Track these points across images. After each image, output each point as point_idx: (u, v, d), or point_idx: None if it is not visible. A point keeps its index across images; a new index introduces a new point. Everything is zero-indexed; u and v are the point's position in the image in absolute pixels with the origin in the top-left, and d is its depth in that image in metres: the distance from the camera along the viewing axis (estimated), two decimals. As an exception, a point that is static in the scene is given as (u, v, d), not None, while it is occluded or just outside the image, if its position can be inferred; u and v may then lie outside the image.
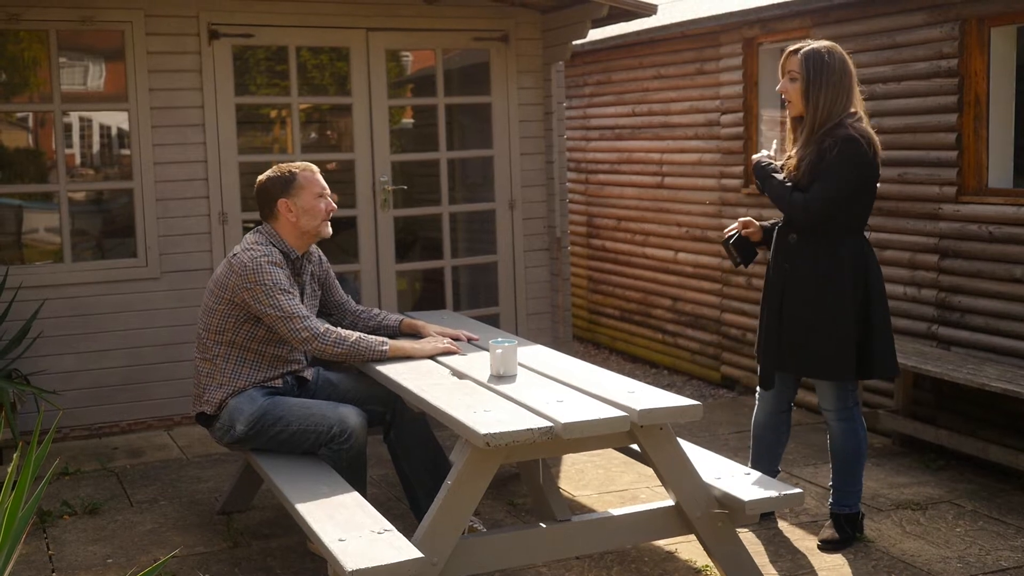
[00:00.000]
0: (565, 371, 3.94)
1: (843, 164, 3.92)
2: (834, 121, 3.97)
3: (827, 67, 3.98)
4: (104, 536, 4.43)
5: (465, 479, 3.34)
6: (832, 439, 4.22)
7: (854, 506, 4.22)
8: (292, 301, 4.03)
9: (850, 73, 4.03)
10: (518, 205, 6.73)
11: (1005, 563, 4.02)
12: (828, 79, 3.97)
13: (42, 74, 5.95)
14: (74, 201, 6.27)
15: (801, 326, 4.08)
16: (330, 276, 4.49)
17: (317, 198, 4.20)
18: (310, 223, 4.19)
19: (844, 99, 3.99)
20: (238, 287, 4.03)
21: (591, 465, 5.26)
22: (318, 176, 4.26)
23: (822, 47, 4.04)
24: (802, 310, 4.08)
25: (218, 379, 4.13)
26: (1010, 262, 5.02)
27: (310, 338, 4.01)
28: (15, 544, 2.39)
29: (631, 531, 3.72)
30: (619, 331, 8.17)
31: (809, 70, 4.00)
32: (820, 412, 4.35)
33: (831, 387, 4.14)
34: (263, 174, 4.28)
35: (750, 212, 6.60)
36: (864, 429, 4.20)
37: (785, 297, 4.12)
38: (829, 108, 3.97)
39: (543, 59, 6.69)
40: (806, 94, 4.00)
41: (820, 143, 3.96)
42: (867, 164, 3.95)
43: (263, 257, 4.05)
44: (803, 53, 4.04)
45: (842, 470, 4.21)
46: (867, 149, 3.94)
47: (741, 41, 6.56)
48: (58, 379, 5.68)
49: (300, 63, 6.67)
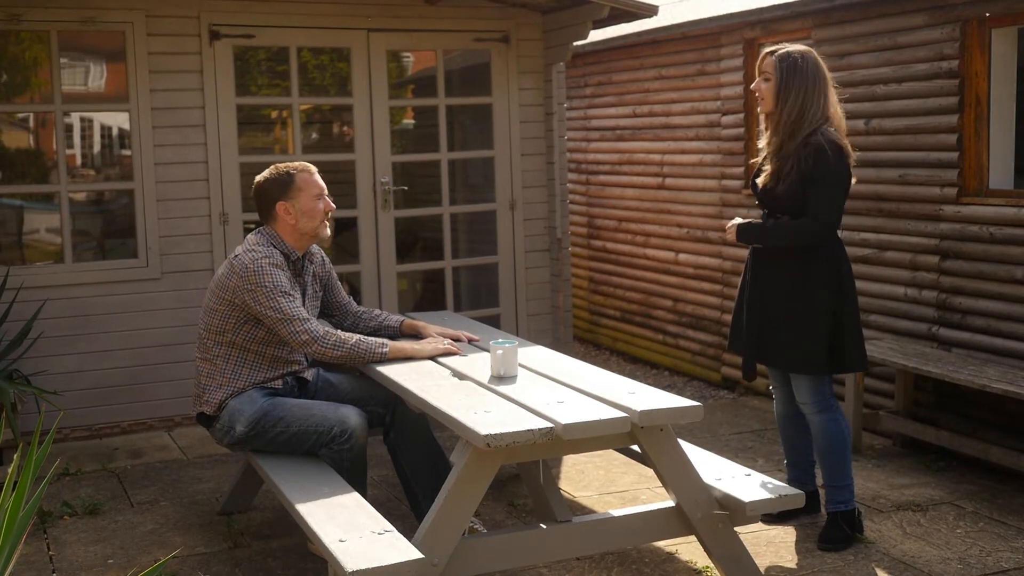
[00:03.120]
0: (566, 372, 3.94)
1: (831, 173, 4.03)
2: (810, 128, 4.06)
3: (799, 71, 4.09)
4: (105, 537, 4.43)
5: (466, 480, 3.34)
6: (814, 433, 4.26)
7: (849, 502, 4.23)
8: (293, 303, 4.03)
9: (824, 78, 4.12)
10: (519, 206, 6.73)
11: (1006, 564, 4.01)
12: (800, 83, 4.08)
13: (43, 74, 5.95)
14: (75, 202, 6.27)
15: (779, 322, 4.17)
16: (332, 277, 4.49)
17: (315, 199, 4.19)
18: (309, 224, 4.19)
19: (816, 104, 4.09)
20: (239, 288, 4.03)
21: (592, 466, 5.26)
22: (316, 177, 4.25)
23: (796, 51, 4.14)
24: (779, 306, 4.17)
25: (218, 380, 4.13)
26: (1011, 263, 5.02)
27: (310, 341, 4.01)
28: (15, 544, 2.39)
29: (632, 532, 3.72)
30: (620, 332, 8.17)
31: (782, 72, 4.11)
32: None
33: (807, 380, 4.20)
34: (260, 175, 4.27)
35: (751, 213, 6.61)
36: (845, 420, 4.26)
37: (764, 294, 4.21)
38: (800, 111, 4.07)
39: (544, 60, 6.69)
40: (777, 95, 4.12)
41: (797, 154, 4.05)
42: (846, 168, 4.07)
43: (264, 259, 4.04)
44: (777, 55, 4.16)
45: (829, 464, 4.23)
46: (843, 156, 4.06)
47: (742, 42, 6.56)
48: (59, 380, 5.68)
49: (301, 64, 6.67)
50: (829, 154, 4.00)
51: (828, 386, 4.23)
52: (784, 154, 4.10)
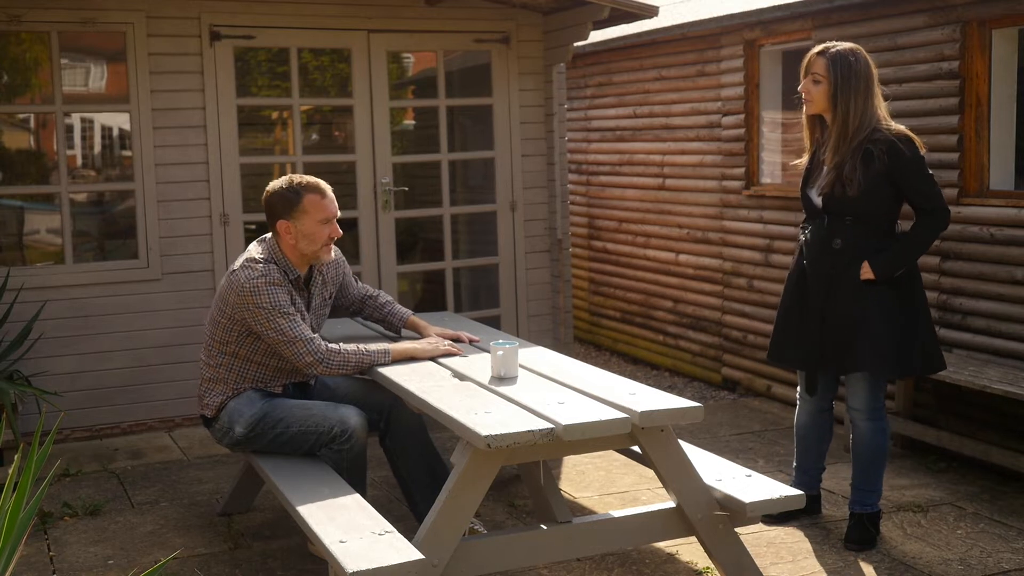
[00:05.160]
0: (566, 373, 3.94)
1: (916, 160, 4.02)
2: (869, 127, 4.03)
3: (854, 72, 4.03)
4: (105, 537, 4.43)
5: (466, 481, 3.34)
6: (858, 439, 4.25)
7: (875, 505, 4.27)
8: (293, 323, 3.95)
9: (874, 76, 4.09)
10: (519, 207, 6.73)
11: (1006, 565, 4.01)
12: (856, 84, 4.03)
13: (43, 75, 5.95)
14: (75, 202, 6.27)
15: (848, 325, 4.10)
16: (347, 276, 4.45)
17: (320, 224, 4.02)
18: (308, 248, 4.05)
19: (872, 103, 4.05)
20: (238, 306, 3.98)
21: (592, 467, 5.26)
22: (327, 200, 4.04)
23: (846, 49, 4.07)
24: (850, 310, 4.10)
25: (220, 387, 4.13)
26: (1011, 264, 5.02)
27: (314, 363, 3.97)
28: (16, 545, 2.39)
29: (632, 533, 3.71)
30: (620, 333, 8.17)
31: (837, 75, 4.04)
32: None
33: (865, 386, 4.17)
34: (273, 183, 4.13)
35: (751, 213, 6.61)
36: (889, 428, 4.27)
37: (828, 299, 4.14)
38: (861, 115, 4.02)
39: (544, 61, 6.69)
40: (834, 99, 4.05)
41: (864, 150, 4.01)
42: (922, 155, 4.07)
43: (260, 278, 3.94)
44: (829, 55, 4.07)
45: (866, 470, 4.24)
46: (915, 145, 4.04)
47: (742, 43, 6.56)
48: (59, 380, 5.68)
49: (301, 64, 6.67)
50: (902, 146, 3.98)
51: (883, 394, 4.22)
52: (841, 157, 4.05)
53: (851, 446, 4.33)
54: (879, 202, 4.06)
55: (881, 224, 4.12)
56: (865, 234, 4.10)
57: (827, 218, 4.15)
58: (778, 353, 4.37)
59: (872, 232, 4.10)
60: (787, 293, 4.34)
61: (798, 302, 4.26)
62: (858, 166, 4.01)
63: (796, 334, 4.27)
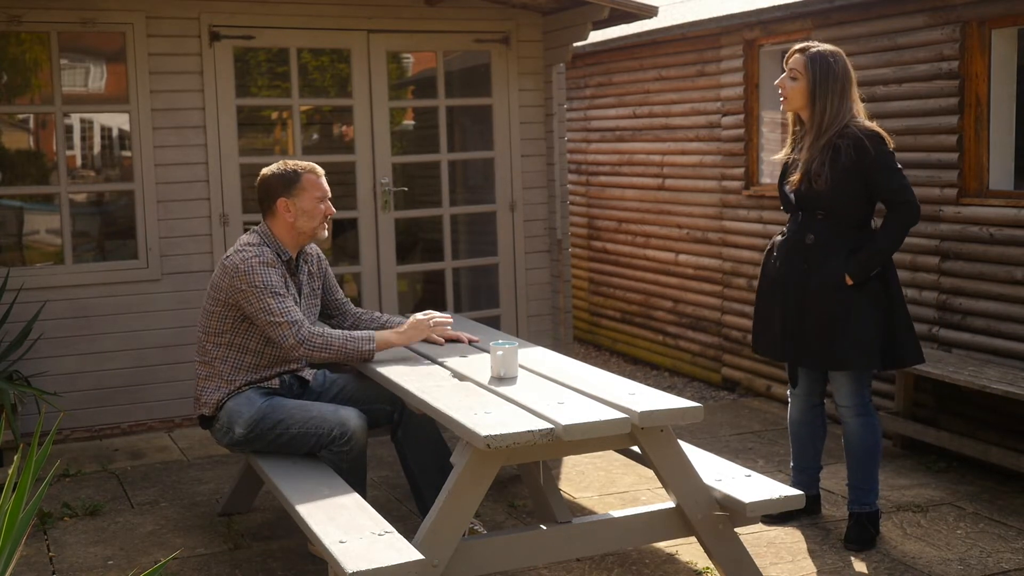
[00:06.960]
0: (566, 373, 3.94)
1: (884, 155, 4.05)
2: (840, 124, 4.07)
3: (832, 73, 4.09)
4: (105, 538, 4.43)
5: (466, 481, 3.34)
6: (849, 436, 4.26)
7: (873, 504, 4.26)
8: (282, 304, 4.00)
9: (852, 79, 4.14)
10: (519, 207, 6.73)
11: (1006, 565, 4.01)
12: (833, 84, 4.08)
13: (43, 76, 5.95)
14: (75, 203, 6.27)
15: (826, 321, 4.12)
16: (328, 276, 4.48)
17: (317, 201, 4.17)
18: (307, 224, 4.17)
19: (846, 104, 4.10)
20: (231, 289, 4.03)
21: (592, 467, 5.26)
22: (322, 180, 4.23)
23: (826, 50, 4.14)
24: (827, 306, 4.11)
25: (216, 381, 4.13)
26: (1011, 264, 5.02)
27: (296, 344, 3.99)
28: (16, 546, 2.39)
29: (632, 533, 3.71)
30: (620, 333, 8.17)
31: (815, 73, 4.10)
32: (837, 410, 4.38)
33: (849, 382, 4.19)
34: (267, 168, 4.25)
35: (750, 214, 6.61)
36: (880, 424, 4.26)
37: (807, 295, 4.15)
38: (834, 114, 4.07)
39: (544, 61, 6.69)
40: (811, 96, 4.11)
41: (833, 146, 4.05)
42: (891, 151, 4.09)
43: (254, 258, 4.03)
44: (808, 54, 4.14)
45: (860, 467, 4.24)
46: (883, 141, 4.07)
47: (742, 43, 6.56)
48: (59, 381, 5.68)
49: (301, 65, 6.67)
50: (867, 142, 4.01)
51: (868, 389, 4.23)
52: (812, 153, 4.09)
53: (844, 444, 4.33)
54: (848, 198, 4.09)
55: (853, 220, 4.13)
56: (837, 230, 4.12)
57: (800, 214, 4.21)
58: (755, 342, 4.44)
59: (844, 228, 4.12)
60: (764, 288, 4.37)
61: (777, 299, 4.28)
62: (826, 161, 4.05)
63: (767, 325, 4.33)
